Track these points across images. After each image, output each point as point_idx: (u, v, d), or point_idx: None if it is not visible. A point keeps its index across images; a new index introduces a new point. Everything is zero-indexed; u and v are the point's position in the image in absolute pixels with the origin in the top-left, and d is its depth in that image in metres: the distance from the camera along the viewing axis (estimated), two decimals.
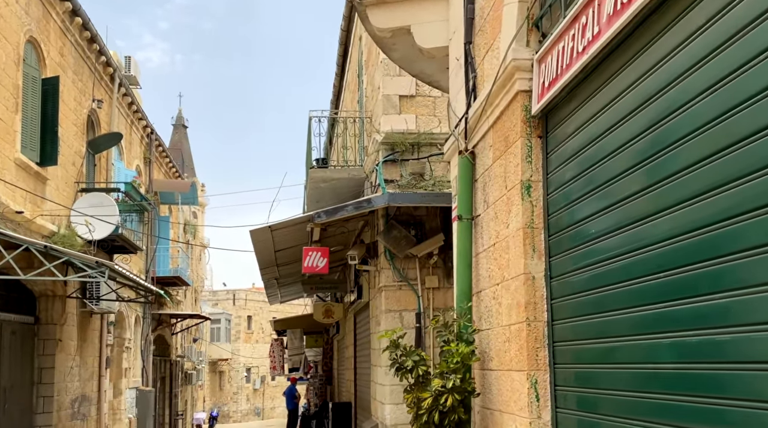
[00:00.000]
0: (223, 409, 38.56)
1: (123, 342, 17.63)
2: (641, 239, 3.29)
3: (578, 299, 4.02)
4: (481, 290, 5.34)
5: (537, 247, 4.41)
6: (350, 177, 11.36)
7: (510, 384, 4.65)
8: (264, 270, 13.68)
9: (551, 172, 4.34)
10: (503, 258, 4.77)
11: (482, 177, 5.27)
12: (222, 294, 40.30)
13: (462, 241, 5.41)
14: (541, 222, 4.42)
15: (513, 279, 4.58)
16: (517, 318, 4.50)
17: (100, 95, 15.67)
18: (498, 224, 4.89)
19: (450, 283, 9.77)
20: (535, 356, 4.37)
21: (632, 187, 3.34)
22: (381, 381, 9.83)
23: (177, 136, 47.69)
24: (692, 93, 2.89)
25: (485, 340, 5.24)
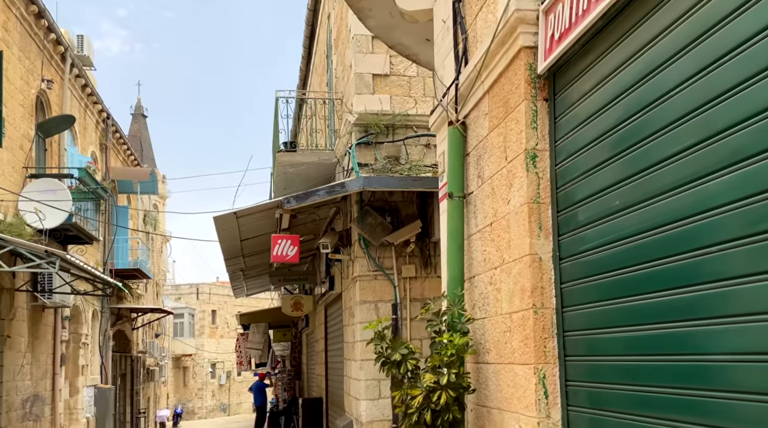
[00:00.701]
0: (187, 406, 37.60)
1: (79, 337, 16.77)
2: (686, 208, 2.79)
3: (595, 282, 3.53)
4: (474, 275, 4.83)
5: (544, 225, 3.91)
6: (320, 161, 10.77)
7: (512, 379, 4.15)
8: (229, 262, 13.01)
9: (560, 139, 3.84)
10: (503, 238, 4.27)
11: (475, 150, 4.76)
12: (185, 289, 39.22)
13: (453, 221, 4.89)
14: (548, 197, 3.92)
15: (516, 261, 4.07)
16: (521, 306, 4.00)
17: (50, 75, 14.75)
18: (496, 201, 4.37)
19: (428, 272, 9.28)
20: (543, 347, 3.87)
21: (676, 145, 2.84)
22: (355, 376, 9.30)
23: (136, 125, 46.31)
24: (761, 25, 2.39)
25: (480, 331, 4.73)
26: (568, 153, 3.76)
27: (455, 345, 4.42)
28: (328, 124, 11.30)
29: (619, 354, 3.38)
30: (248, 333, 20.42)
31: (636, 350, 3.21)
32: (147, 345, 23.48)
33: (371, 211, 9.04)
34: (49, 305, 13.81)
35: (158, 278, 26.21)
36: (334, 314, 11.64)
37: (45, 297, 13.54)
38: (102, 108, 18.42)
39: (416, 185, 8.56)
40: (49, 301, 13.61)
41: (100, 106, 18.21)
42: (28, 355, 13.50)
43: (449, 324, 4.70)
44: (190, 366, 38.35)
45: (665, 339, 2.97)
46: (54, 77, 15.06)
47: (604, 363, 3.49)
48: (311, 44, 14.73)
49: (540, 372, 3.86)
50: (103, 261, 18.19)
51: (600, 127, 3.43)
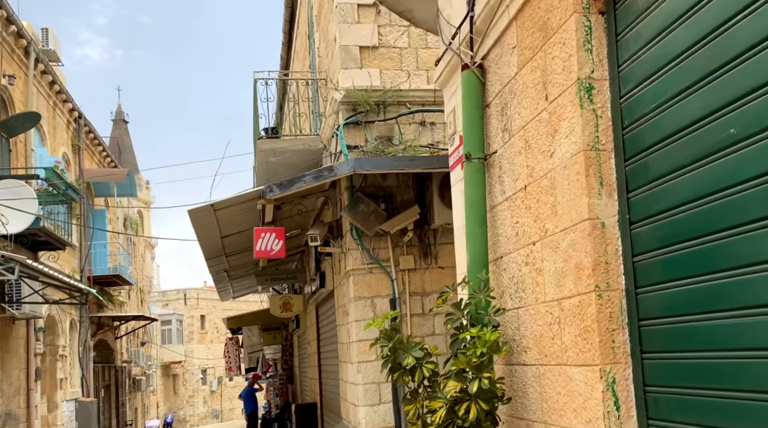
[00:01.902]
0: (178, 414, 36.29)
1: (56, 350, 15.57)
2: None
3: (686, 251, 2.51)
4: (502, 255, 3.81)
5: (605, 179, 2.89)
6: (305, 148, 9.70)
7: (564, 385, 3.13)
8: (211, 262, 11.89)
9: (626, 62, 2.82)
10: (544, 203, 3.25)
11: (499, 97, 3.73)
12: (172, 295, 37.85)
13: (472, 190, 3.86)
14: (611, 142, 2.90)
15: (566, 231, 3.05)
16: (577, 289, 2.99)
17: (11, 71, 13.56)
18: (532, 157, 3.35)
19: (428, 263, 8.26)
20: (610, 342, 2.85)
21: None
22: (353, 380, 8.26)
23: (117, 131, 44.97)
24: None
25: (512, 324, 3.71)
26: (638, 79, 2.75)
27: (486, 343, 3.39)
28: (311, 107, 10.24)
29: (724, 349, 2.37)
30: (237, 338, 19.30)
31: (749, 342, 2.21)
32: (132, 354, 22.25)
33: (363, 197, 8.00)
34: (19, 316, 12.62)
35: (142, 284, 24.99)
36: (326, 313, 10.58)
37: (13, 308, 12.36)
38: (73, 107, 17.22)
39: (412, 166, 7.52)
40: (18, 312, 12.42)
41: (71, 104, 17.01)
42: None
43: (473, 316, 3.68)
44: (179, 373, 37.04)
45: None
46: (17, 73, 13.86)
47: (699, 361, 2.49)
48: (291, 28, 13.67)
49: (608, 375, 2.84)
50: (80, 268, 16.99)
51: (690, 34, 2.42)
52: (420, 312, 8.07)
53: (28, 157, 14.24)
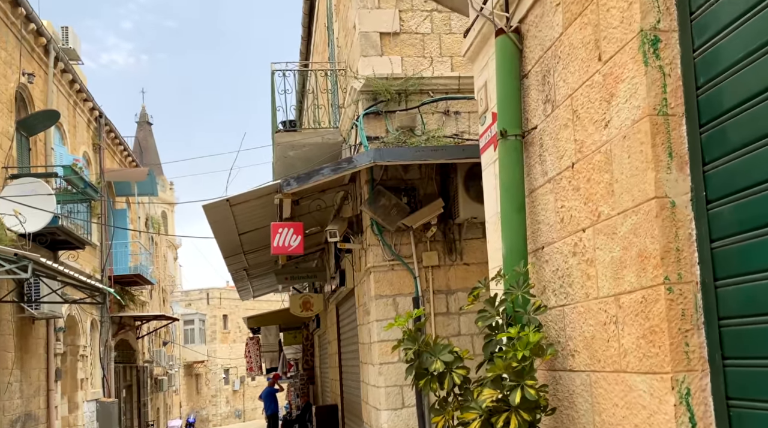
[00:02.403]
0: (201, 413, 36.07)
1: (77, 350, 15.30)
2: None
3: None
4: (543, 246, 3.31)
5: (675, 150, 2.38)
6: (324, 141, 9.24)
7: (623, 395, 2.63)
8: (230, 260, 11.50)
9: (701, 6, 2.31)
10: (597, 182, 2.74)
11: (540, 64, 3.23)
12: (195, 294, 37.65)
13: (507, 172, 3.36)
14: (681, 104, 2.39)
15: (625, 213, 2.55)
16: (639, 282, 2.48)
17: (31, 69, 13.30)
18: (581, 128, 2.85)
19: (453, 260, 7.76)
20: (682, 346, 2.34)
21: None
22: (374, 382, 7.78)
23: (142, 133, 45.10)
24: None
25: (557, 324, 3.21)
26: (717, 27, 2.23)
27: (527, 345, 2.89)
28: (331, 99, 9.79)
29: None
30: (258, 338, 18.92)
31: None
32: (154, 354, 21.98)
33: (384, 191, 7.52)
34: (38, 316, 12.33)
35: (164, 284, 24.76)
36: (346, 312, 10.12)
37: (32, 307, 12.07)
38: (94, 106, 16.96)
39: (436, 156, 7.02)
40: (37, 312, 12.13)
41: (92, 103, 16.75)
42: (17, 372, 12.03)
43: (510, 315, 3.18)
44: (202, 373, 36.83)
45: None
46: (36, 71, 13.60)
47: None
48: (311, 22, 13.24)
49: (681, 385, 2.33)
50: (100, 268, 16.72)
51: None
52: (444, 311, 7.58)
53: (48, 156, 13.98)
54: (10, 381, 11.77)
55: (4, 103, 12.26)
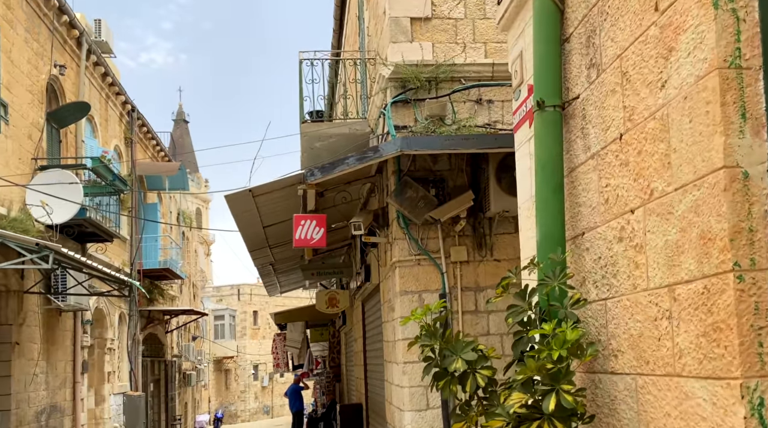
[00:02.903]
0: (230, 409, 36.09)
1: (104, 343, 15.23)
2: None
3: None
4: (583, 231, 2.90)
5: (750, 110, 1.97)
6: (351, 132, 8.89)
7: (677, 404, 2.22)
8: (255, 254, 11.25)
9: None
10: (650, 153, 2.34)
11: (584, 24, 2.82)
12: (226, 290, 37.72)
13: (545, 148, 2.96)
14: (758, 56, 1.98)
15: (684, 188, 2.14)
16: (701, 269, 2.07)
17: (63, 61, 13.24)
18: (632, 92, 2.44)
19: (482, 255, 7.34)
20: (755, 346, 1.93)
21: None
22: (398, 382, 7.41)
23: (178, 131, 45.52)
24: None
25: (598, 320, 2.80)
26: None
27: (564, 343, 2.49)
28: (359, 90, 9.44)
29: None
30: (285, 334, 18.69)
31: None
32: (182, 348, 21.93)
33: (411, 182, 7.15)
34: (65, 308, 12.24)
35: (195, 279, 24.73)
36: (372, 309, 9.77)
37: (59, 299, 11.98)
38: (126, 100, 16.92)
39: (467, 145, 6.63)
40: (63, 304, 12.03)
41: (124, 97, 16.71)
42: (42, 363, 11.94)
43: (544, 309, 2.79)
44: (232, 368, 36.87)
45: None
46: (68, 64, 13.55)
47: None
48: (342, 14, 12.92)
49: (753, 393, 1.91)
50: (130, 261, 16.67)
51: None
52: (473, 309, 7.17)
53: (78, 148, 13.93)
54: (36, 373, 11.69)
55: (35, 94, 12.21)
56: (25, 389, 11.29)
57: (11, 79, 11.29)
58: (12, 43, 11.35)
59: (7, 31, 11.16)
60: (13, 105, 11.33)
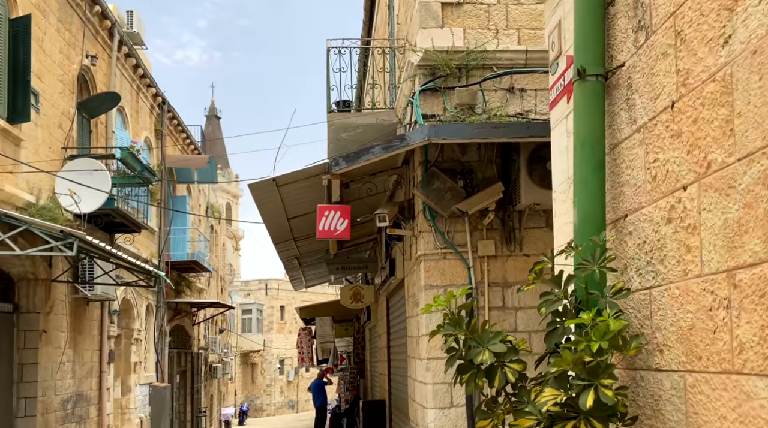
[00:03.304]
0: (255, 402, 36.16)
1: (131, 333, 15.23)
2: None
3: None
4: (626, 213, 2.61)
5: None
6: (378, 122, 8.65)
7: (735, 405, 1.93)
8: (280, 246, 11.08)
9: None
10: (708, 120, 2.05)
11: None
12: (254, 284, 37.81)
13: (585, 122, 2.68)
14: None
15: (750, 158, 1.84)
16: (767, 252, 1.78)
17: (95, 52, 13.23)
18: (688, 53, 2.15)
19: (511, 250, 7.04)
20: None
21: None
22: (421, 378, 7.15)
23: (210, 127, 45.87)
24: None
25: (642, 310, 2.51)
26: None
27: (605, 335, 2.21)
28: (388, 80, 9.20)
29: None
30: (310, 328, 18.52)
31: None
32: (209, 341, 21.94)
33: (439, 173, 6.88)
34: (92, 298, 12.21)
35: (223, 273, 24.74)
36: (396, 304, 9.52)
37: (86, 288, 11.96)
38: (157, 92, 16.92)
39: (497, 134, 6.34)
40: (90, 294, 12.01)
41: (154, 89, 16.70)
42: (69, 352, 11.94)
43: (580, 299, 2.51)
44: (258, 362, 36.92)
45: None
46: (100, 54, 13.54)
47: None
48: (372, 5, 12.70)
49: None
50: (158, 253, 16.67)
51: None
52: (500, 305, 6.88)
53: (108, 139, 13.92)
54: (63, 361, 11.68)
55: (66, 84, 12.20)
56: (52, 377, 11.28)
57: (42, 68, 11.28)
58: (44, 33, 11.34)
59: (39, 20, 11.15)
60: (44, 94, 11.32)
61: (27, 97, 10.28)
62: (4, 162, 9.93)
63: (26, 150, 10.69)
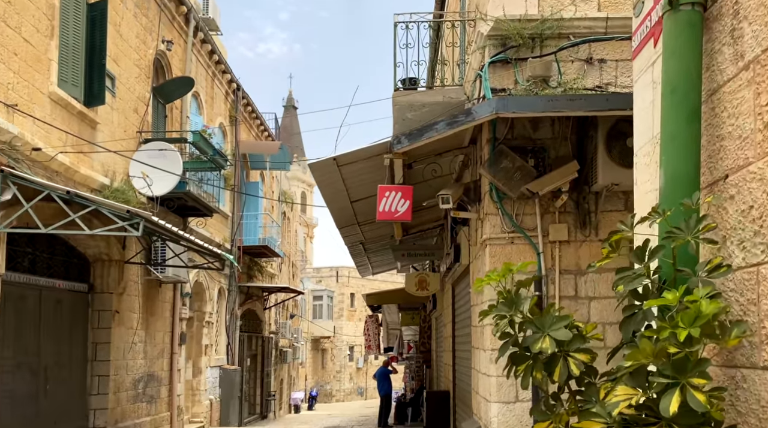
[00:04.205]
0: (325, 388, 36.41)
1: (203, 316, 15.38)
2: None
3: None
4: (727, 173, 2.08)
5: None
6: (446, 100, 8.15)
7: None
8: (345, 231, 10.80)
9: None
10: None
11: None
12: (326, 271, 38.04)
13: (677, 63, 2.16)
14: None
15: None
16: None
17: (171, 38, 13.32)
18: None
19: (585, 235, 6.44)
20: None
21: None
22: (485, 370, 6.67)
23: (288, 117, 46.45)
24: None
25: (744, 294, 1.98)
26: None
27: (698, 319, 1.71)
28: (457, 55, 8.70)
29: None
30: (377, 316, 18.26)
31: None
32: (280, 326, 22.07)
33: (507, 151, 6.36)
34: (163, 279, 12.32)
35: (294, 259, 24.85)
36: (461, 292, 9.05)
37: (158, 270, 12.07)
38: (231, 78, 16.97)
39: (573, 107, 5.76)
40: (162, 276, 12.11)
41: (229, 75, 16.76)
42: (141, 333, 12.10)
43: (665, 278, 2.00)
44: (328, 348, 37.14)
45: None
46: (176, 40, 13.63)
47: None
48: None
49: None
50: (230, 237, 16.78)
51: None
52: (572, 294, 6.31)
53: (183, 124, 14.02)
54: (135, 341, 11.84)
55: (142, 68, 12.31)
56: (124, 357, 11.44)
57: (119, 53, 11.39)
58: (121, 17, 11.44)
59: (116, 5, 11.25)
60: (120, 78, 11.44)
61: (102, 81, 10.38)
62: (81, 146, 10.06)
63: (102, 133, 10.82)
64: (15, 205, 8.34)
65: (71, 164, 9.72)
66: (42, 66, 9.26)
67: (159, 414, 12.92)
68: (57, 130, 9.49)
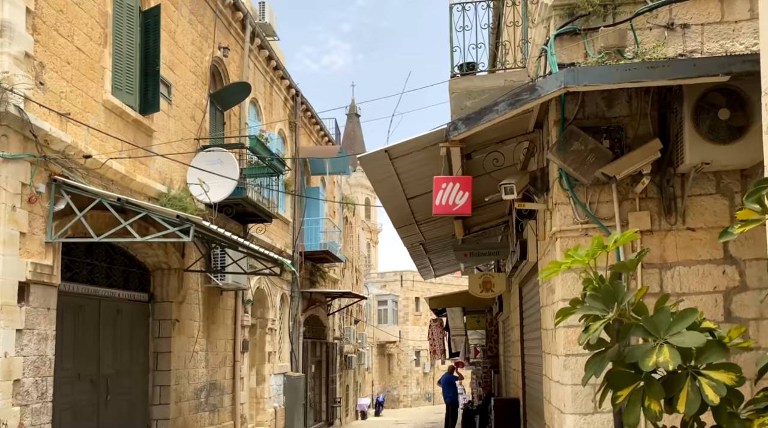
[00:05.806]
0: (392, 393, 35.68)
1: (266, 323, 14.98)
2: None
3: None
4: None
5: None
6: (507, 85, 7.35)
7: None
8: (403, 231, 10.10)
9: None
10: None
11: None
12: (390, 276, 37.39)
13: None
14: None
15: None
16: None
17: (227, 44, 13.02)
18: None
19: (671, 223, 5.51)
20: None
21: None
22: (558, 378, 5.81)
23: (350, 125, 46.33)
24: None
25: None
26: None
27: None
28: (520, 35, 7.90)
29: None
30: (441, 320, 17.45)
31: None
32: (344, 331, 21.54)
33: (579, 132, 5.50)
34: (224, 287, 11.95)
35: (357, 264, 24.32)
36: (529, 293, 8.18)
37: (218, 278, 11.71)
38: (290, 84, 16.61)
39: (654, 75, 4.87)
40: (222, 283, 11.75)
41: (288, 81, 16.40)
42: (202, 341, 11.75)
43: None
44: (394, 353, 36.41)
45: None
46: (233, 47, 13.33)
47: None
48: None
49: None
50: (292, 243, 16.38)
51: None
52: (657, 291, 5.39)
53: (242, 131, 13.71)
54: (196, 350, 11.49)
55: (198, 75, 12.04)
56: (185, 366, 11.10)
57: (175, 60, 11.13)
58: (176, 24, 11.19)
59: (171, 13, 11.01)
60: (176, 85, 11.18)
61: (157, 88, 10.09)
62: (138, 154, 9.77)
63: (158, 140, 10.54)
64: (69, 214, 8.08)
65: (127, 172, 9.43)
66: (95, 74, 9.01)
67: (222, 423, 12.54)
68: (112, 138, 9.22)
